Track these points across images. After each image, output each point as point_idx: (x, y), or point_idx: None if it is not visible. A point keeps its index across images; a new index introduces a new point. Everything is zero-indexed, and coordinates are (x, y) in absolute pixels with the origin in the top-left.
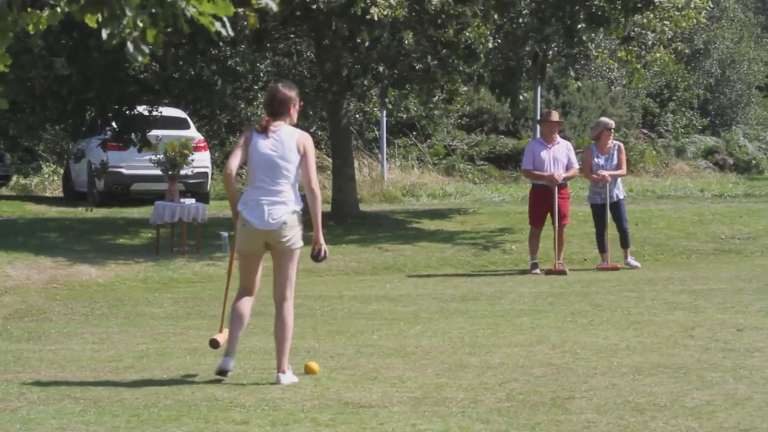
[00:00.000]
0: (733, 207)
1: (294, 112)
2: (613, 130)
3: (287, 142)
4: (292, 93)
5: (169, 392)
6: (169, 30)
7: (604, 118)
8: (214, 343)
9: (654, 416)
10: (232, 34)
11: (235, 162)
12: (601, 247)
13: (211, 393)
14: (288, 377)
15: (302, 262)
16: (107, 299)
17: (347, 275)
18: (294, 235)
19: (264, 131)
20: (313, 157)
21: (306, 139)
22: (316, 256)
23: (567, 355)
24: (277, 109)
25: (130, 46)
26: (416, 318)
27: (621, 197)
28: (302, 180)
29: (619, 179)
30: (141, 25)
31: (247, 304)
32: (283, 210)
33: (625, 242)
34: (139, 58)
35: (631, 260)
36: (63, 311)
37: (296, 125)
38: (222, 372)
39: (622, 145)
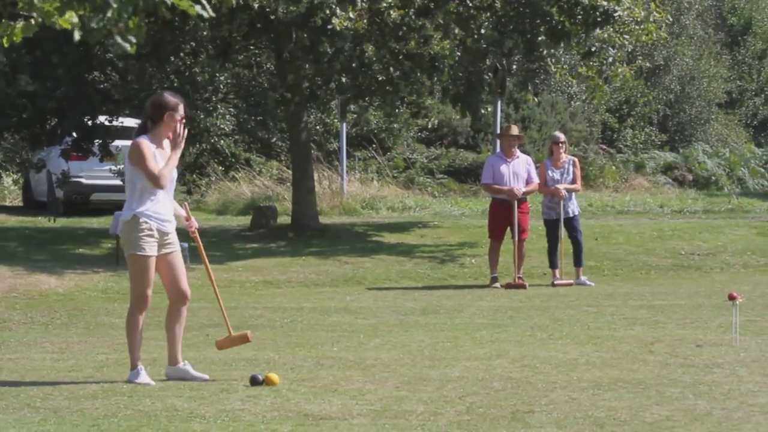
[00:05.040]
0: (693, 223)
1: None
2: (562, 144)
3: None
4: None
5: (129, 402)
6: (151, 20)
7: (555, 132)
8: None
9: (613, 431)
10: (213, 15)
11: None
12: (552, 263)
13: (172, 404)
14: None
15: (261, 273)
16: (67, 309)
17: (307, 287)
18: (124, 240)
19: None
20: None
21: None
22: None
23: (526, 369)
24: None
25: (116, 37)
26: (376, 331)
27: (576, 213)
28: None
29: (574, 195)
30: (125, 15)
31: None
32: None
33: (578, 260)
34: (127, 47)
35: (584, 279)
36: (22, 320)
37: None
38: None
39: (576, 160)
